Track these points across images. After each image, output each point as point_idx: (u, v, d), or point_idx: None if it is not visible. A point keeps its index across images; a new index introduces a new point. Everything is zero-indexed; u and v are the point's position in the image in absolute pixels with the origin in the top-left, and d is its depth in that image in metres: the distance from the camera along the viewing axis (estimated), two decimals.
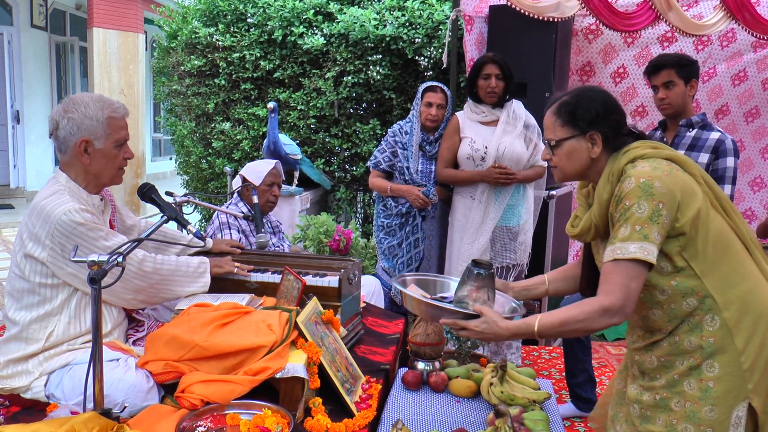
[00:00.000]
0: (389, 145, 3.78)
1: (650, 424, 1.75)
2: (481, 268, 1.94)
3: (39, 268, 2.03)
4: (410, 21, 5.41)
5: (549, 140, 1.85)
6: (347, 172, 6.02)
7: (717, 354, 1.66)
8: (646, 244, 1.62)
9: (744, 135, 4.93)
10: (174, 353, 2.01)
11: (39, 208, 2.03)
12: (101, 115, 2.10)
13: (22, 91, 9.88)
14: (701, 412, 1.66)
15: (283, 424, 1.81)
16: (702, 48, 4.65)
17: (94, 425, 1.64)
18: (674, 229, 1.65)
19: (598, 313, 1.65)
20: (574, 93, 1.85)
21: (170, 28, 6.28)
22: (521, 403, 2.15)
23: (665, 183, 1.64)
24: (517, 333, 1.77)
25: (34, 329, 2.04)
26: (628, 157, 1.73)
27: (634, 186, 1.65)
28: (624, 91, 4.80)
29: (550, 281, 2.12)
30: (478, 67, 3.51)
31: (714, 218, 1.70)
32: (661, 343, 1.75)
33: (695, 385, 1.68)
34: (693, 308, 1.69)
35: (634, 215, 1.64)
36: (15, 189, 9.96)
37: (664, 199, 1.63)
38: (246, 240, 3.24)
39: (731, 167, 2.88)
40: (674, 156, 1.74)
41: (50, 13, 10.38)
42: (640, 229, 1.63)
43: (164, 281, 2.25)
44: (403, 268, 3.79)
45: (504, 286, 2.13)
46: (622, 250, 1.64)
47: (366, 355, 2.56)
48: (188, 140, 6.27)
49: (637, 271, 1.63)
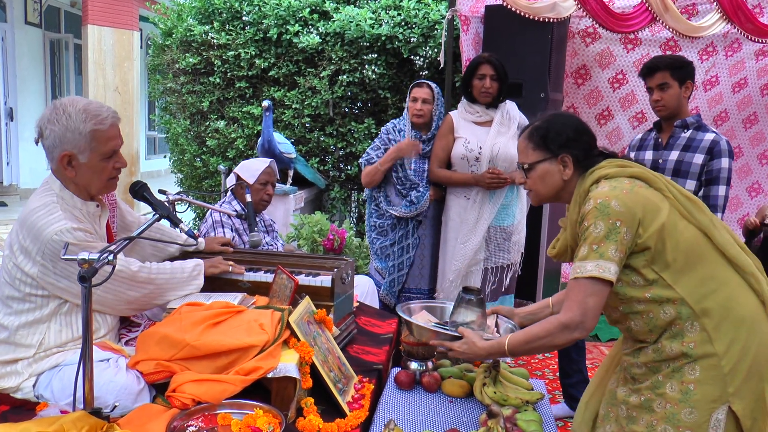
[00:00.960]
0: (383, 142, 3.76)
1: (634, 425, 1.79)
2: (471, 294, 2.15)
3: (29, 280, 1.99)
4: (406, 20, 5.41)
5: (522, 164, 1.94)
6: (342, 171, 6.01)
7: (698, 358, 1.70)
8: (603, 261, 1.69)
9: (742, 141, 4.94)
10: (165, 353, 1.99)
11: (29, 224, 1.96)
12: (84, 128, 1.97)
13: (16, 88, 9.83)
14: (680, 414, 1.70)
15: (274, 424, 1.80)
16: (707, 57, 4.65)
17: (83, 424, 1.63)
18: (638, 245, 1.71)
19: (558, 329, 1.75)
20: (546, 118, 1.94)
21: (165, 25, 6.25)
22: (514, 403, 2.15)
23: (623, 201, 1.70)
24: (492, 352, 1.92)
25: (22, 335, 2.00)
26: (593, 178, 1.80)
27: (592, 207, 1.72)
28: (623, 97, 4.79)
29: (554, 304, 2.20)
30: (474, 66, 3.51)
31: (684, 229, 1.74)
32: (646, 350, 1.80)
33: (676, 387, 1.72)
34: (671, 317, 1.73)
35: (591, 235, 1.71)
36: (8, 186, 9.92)
37: (622, 217, 1.69)
38: (239, 239, 3.23)
39: (726, 168, 2.88)
40: (640, 173, 1.80)
41: (44, 10, 10.33)
42: (596, 248, 1.70)
43: (159, 289, 2.23)
44: (394, 271, 3.77)
45: (510, 313, 2.28)
46: (581, 269, 1.72)
47: (359, 354, 2.55)
48: (183, 138, 6.25)
49: (595, 288, 1.70)
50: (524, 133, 1.95)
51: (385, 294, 3.79)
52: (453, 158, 3.57)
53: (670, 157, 2.99)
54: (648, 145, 3.12)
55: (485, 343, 1.93)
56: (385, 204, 3.76)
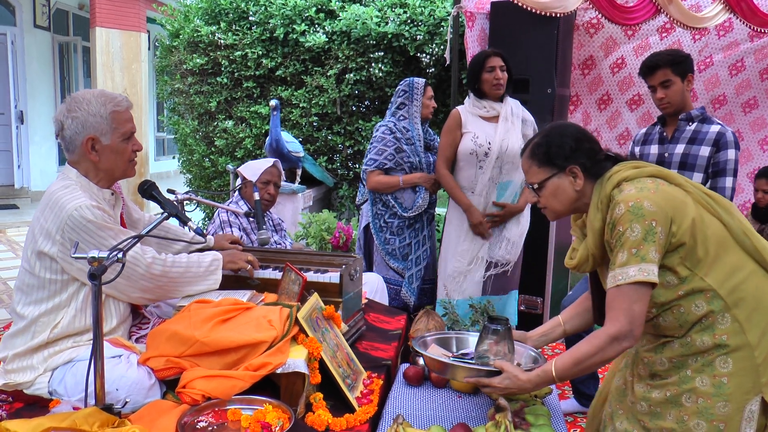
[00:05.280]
0: (391, 143, 3.77)
1: (660, 420, 1.75)
2: (498, 324, 1.97)
3: (49, 264, 2.03)
4: (412, 18, 5.41)
5: (531, 184, 1.89)
6: (350, 169, 6.02)
7: (731, 350, 1.67)
8: (645, 264, 1.65)
9: (742, 126, 4.91)
10: (175, 349, 2.01)
11: (52, 202, 2.02)
12: (104, 111, 2.10)
13: (26, 91, 9.91)
14: (714, 408, 1.67)
15: (284, 419, 1.82)
16: (699, 38, 4.64)
17: (95, 420, 1.65)
18: (672, 244, 1.68)
19: (608, 343, 1.68)
20: (543, 133, 1.89)
21: (172, 26, 6.29)
22: (522, 397, 2.15)
23: (654, 201, 1.67)
24: (539, 383, 1.80)
25: (43, 322, 2.04)
26: (613, 183, 1.76)
27: (624, 211, 1.68)
28: (621, 80, 4.81)
29: (565, 321, 2.16)
30: (482, 60, 3.50)
31: (710, 223, 1.72)
32: (672, 345, 1.77)
33: (708, 381, 1.69)
34: (703, 311, 1.70)
35: (629, 239, 1.66)
36: (19, 189, 9.99)
37: (657, 217, 1.65)
38: (247, 237, 3.25)
39: (732, 159, 2.87)
40: (658, 171, 1.77)
41: (53, 13, 10.40)
42: (636, 252, 1.66)
43: (173, 282, 2.24)
44: (413, 266, 3.81)
45: (522, 337, 2.16)
46: (623, 276, 1.67)
47: (368, 350, 2.56)
48: (191, 139, 6.28)
49: (640, 293, 1.66)
50: (525, 153, 1.90)
51: (406, 292, 3.82)
52: (461, 153, 3.54)
53: (676, 151, 2.98)
54: (653, 139, 3.11)
55: (530, 374, 1.81)
56: (395, 202, 3.79)
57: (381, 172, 3.80)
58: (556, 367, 1.76)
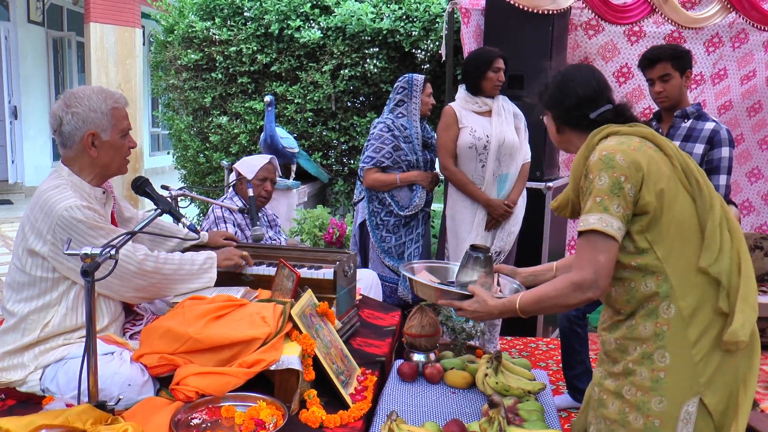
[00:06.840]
0: (389, 141, 3.77)
1: (605, 409, 1.76)
2: (479, 252, 2.07)
3: (40, 262, 2.03)
4: (407, 14, 5.40)
5: None
6: (345, 165, 6.02)
7: (668, 344, 1.65)
8: (606, 216, 1.62)
9: (745, 128, 4.91)
10: (169, 346, 2.01)
11: (42, 201, 2.02)
12: (105, 107, 2.11)
13: (20, 86, 9.86)
14: (650, 403, 1.65)
15: (278, 416, 1.82)
16: (713, 49, 4.61)
17: (88, 417, 1.65)
18: (638, 207, 1.65)
19: (570, 289, 1.68)
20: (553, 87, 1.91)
21: (167, 22, 6.26)
22: (516, 393, 2.15)
23: (629, 156, 1.64)
24: (503, 310, 1.86)
25: (33, 320, 2.04)
26: (603, 134, 1.75)
27: (597, 159, 1.67)
28: (629, 92, 4.76)
29: (558, 268, 2.16)
30: (489, 60, 3.54)
31: (684, 202, 1.68)
32: (621, 325, 1.75)
33: (647, 375, 1.67)
34: (651, 292, 1.67)
35: (595, 188, 1.65)
36: (13, 184, 9.96)
37: (627, 173, 1.63)
38: (241, 233, 3.24)
39: (726, 157, 2.87)
40: (652, 136, 1.74)
41: (47, 8, 10.35)
42: (600, 201, 1.64)
43: (166, 280, 2.24)
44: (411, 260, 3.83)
45: (512, 272, 2.21)
46: (584, 222, 1.66)
47: (362, 347, 2.56)
48: (185, 134, 6.26)
49: (605, 245, 1.63)
50: None
51: (404, 290, 3.82)
52: (460, 148, 3.58)
53: None
54: None
55: (497, 301, 1.87)
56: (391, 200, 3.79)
57: (378, 170, 3.79)
58: (521, 301, 1.80)
